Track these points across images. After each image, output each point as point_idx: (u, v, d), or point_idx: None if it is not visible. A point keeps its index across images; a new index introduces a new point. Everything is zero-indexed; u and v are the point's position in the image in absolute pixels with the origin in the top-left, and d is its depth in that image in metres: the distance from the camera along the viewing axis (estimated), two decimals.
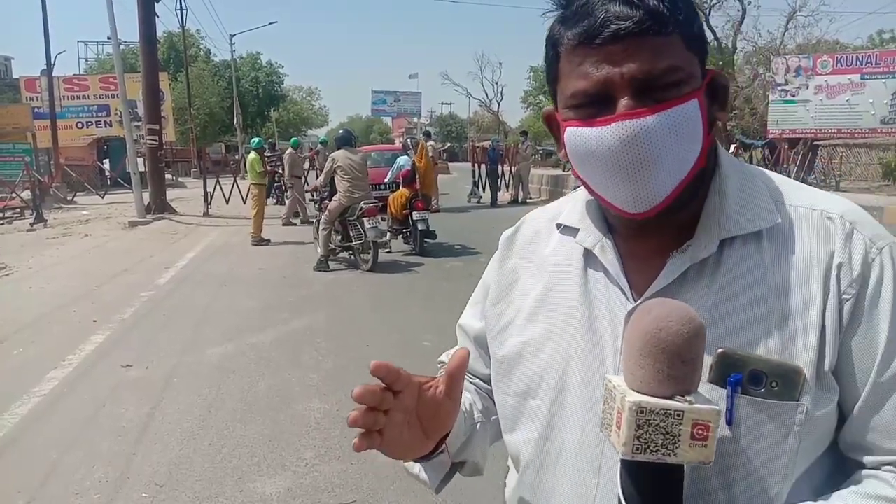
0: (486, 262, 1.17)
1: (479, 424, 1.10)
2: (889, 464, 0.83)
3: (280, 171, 18.81)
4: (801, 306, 0.84)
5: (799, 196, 0.91)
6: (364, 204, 9.45)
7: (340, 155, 9.60)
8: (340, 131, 10.53)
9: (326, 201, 10.11)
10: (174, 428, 4.28)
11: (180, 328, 6.73)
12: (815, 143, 22.20)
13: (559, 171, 23.79)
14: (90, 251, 12.08)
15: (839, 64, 21.18)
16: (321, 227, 9.82)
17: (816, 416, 0.82)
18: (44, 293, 8.49)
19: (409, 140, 14.84)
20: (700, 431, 0.72)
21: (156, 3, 18.54)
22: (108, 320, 6.99)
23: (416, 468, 1.05)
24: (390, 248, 10.63)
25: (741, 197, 0.90)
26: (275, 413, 4.48)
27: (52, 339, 6.37)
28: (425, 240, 10.58)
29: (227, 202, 19.24)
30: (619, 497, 0.78)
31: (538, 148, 38.77)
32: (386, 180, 13.75)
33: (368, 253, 9.54)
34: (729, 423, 0.82)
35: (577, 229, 0.99)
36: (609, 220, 0.96)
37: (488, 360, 1.11)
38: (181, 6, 35.86)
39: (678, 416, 0.72)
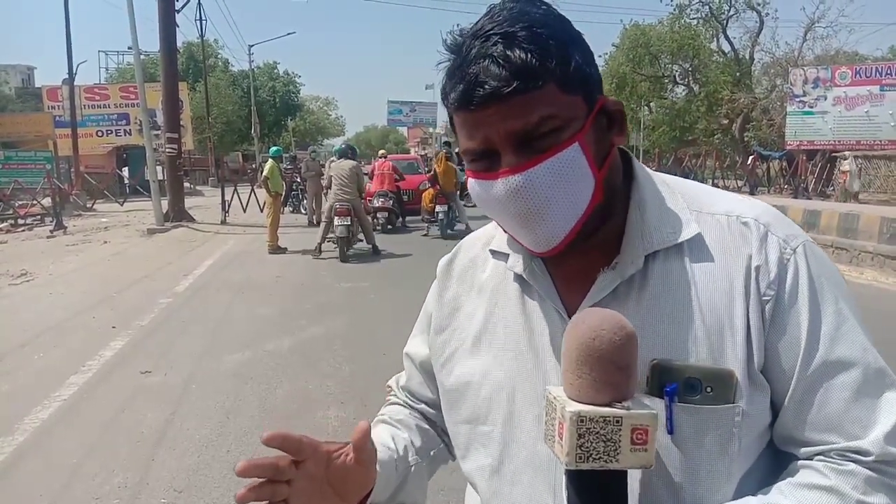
0: None
1: (413, 467, 1.09)
2: (820, 454, 0.85)
3: (298, 178, 18.95)
4: (726, 312, 0.86)
5: (715, 203, 0.94)
6: (338, 205, 11.09)
7: (333, 165, 11.93)
8: (342, 145, 12.89)
9: None
10: (192, 434, 4.30)
11: (198, 335, 6.77)
12: (834, 154, 21.98)
13: None
14: (109, 258, 12.20)
15: (858, 75, 21.00)
16: (322, 220, 12.13)
17: (752, 415, 0.85)
18: (64, 299, 8.58)
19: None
20: (639, 436, 0.74)
21: (176, 14, 18.78)
22: (128, 326, 7.05)
23: None
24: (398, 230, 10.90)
25: (660, 210, 0.93)
26: (292, 420, 4.49)
27: (72, 345, 6.44)
28: (447, 230, 13.69)
29: (245, 210, 19.38)
30: None
31: None
32: (420, 186, 16.34)
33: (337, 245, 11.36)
34: (670, 431, 0.84)
35: (508, 254, 1.01)
36: None
37: (433, 386, 1.13)
38: (201, 17, 36.43)
39: (617, 422, 0.74)
